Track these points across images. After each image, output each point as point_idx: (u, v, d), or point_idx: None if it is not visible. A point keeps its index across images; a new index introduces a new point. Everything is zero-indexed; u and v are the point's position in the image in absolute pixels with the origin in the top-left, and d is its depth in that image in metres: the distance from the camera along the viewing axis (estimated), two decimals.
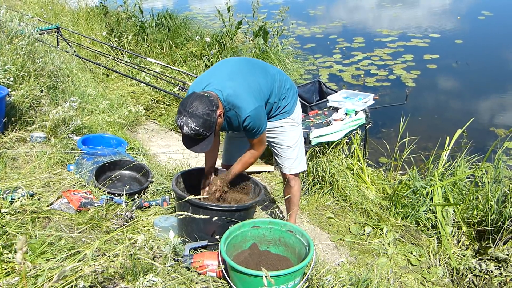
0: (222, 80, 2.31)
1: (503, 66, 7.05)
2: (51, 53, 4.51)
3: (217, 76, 2.36)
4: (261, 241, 2.28)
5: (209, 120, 2.10)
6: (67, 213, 2.34)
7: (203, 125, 2.09)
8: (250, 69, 2.45)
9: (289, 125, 2.67)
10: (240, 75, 2.37)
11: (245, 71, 2.41)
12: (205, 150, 2.19)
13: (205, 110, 2.08)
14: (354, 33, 8.90)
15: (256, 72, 2.44)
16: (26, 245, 1.23)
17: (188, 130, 2.09)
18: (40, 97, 3.66)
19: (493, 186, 3.23)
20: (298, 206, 3.15)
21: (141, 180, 3.07)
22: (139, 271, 1.82)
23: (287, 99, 2.59)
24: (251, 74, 2.40)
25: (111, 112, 5.00)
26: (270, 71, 2.53)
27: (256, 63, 2.57)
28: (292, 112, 2.65)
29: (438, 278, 2.92)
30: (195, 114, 2.06)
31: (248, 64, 2.52)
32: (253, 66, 2.49)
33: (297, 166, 2.82)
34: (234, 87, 2.27)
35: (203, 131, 2.11)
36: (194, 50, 6.80)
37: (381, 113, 5.12)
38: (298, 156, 2.80)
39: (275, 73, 2.55)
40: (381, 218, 3.46)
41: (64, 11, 9.08)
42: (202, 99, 2.10)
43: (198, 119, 2.07)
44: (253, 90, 2.32)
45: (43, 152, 2.96)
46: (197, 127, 2.08)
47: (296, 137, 2.74)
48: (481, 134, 4.96)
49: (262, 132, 2.38)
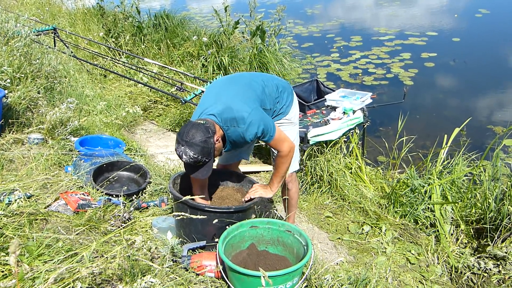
0: (211, 104, 2.34)
1: (500, 64, 7.05)
2: (48, 54, 4.50)
3: (206, 102, 2.39)
4: (260, 241, 2.27)
5: (207, 147, 2.14)
6: (64, 215, 2.33)
7: (201, 153, 2.13)
8: (234, 82, 2.51)
9: (286, 125, 2.68)
10: (224, 91, 2.41)
11: (229, 86, 2.46)
12: (207, 175, 2.23)
13: (202, 138, 2.12)
14: (351, 32, 8.91)
15: (240, 83, 2.48)
16: (19, 248, 1.23)
17: (187, 158, 2.13)
18: (37, 99, 3.66)
19: (491, 184, 3.24)
20: (296, 207, 3.15)
21: (139, 181, 3.06)
22: (137, 272, 1.82)
23: (281, 102, 2.59)
24: (235, 86, 2.45)
25: (108, 113, 4.99)
26: (255, 79, 2.54)
27: (239, 76, 2.64)
28: (288, 113, 2.66)
29: (437, 276, 2.92)
30: (193, 142, 2.11)
31: (231, 79, 2.59)
32: (237, 79, 2.56)
33: (292, 165, 2.79)
34: (223, 104, 2.30)
35: (202, 158, 2.15)
36: (191, 50, 6.79)
37: (379, 111, 5.12)
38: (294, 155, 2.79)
39: (262, 79, 2.55)
40: (380, 217, 3.46)
41: (61, 12, 9.07)
42: (198, 127, 2.14)
43: (195, 147, 2.11)
44: (242, 97, 2.34)
45: (40, 154, 2.95)
46: (195, 155, 2.12)
47: (292, 137, 2.72)
48: (479, 132, 4.96)
49: (273, 130, 2.35)
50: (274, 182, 2.49)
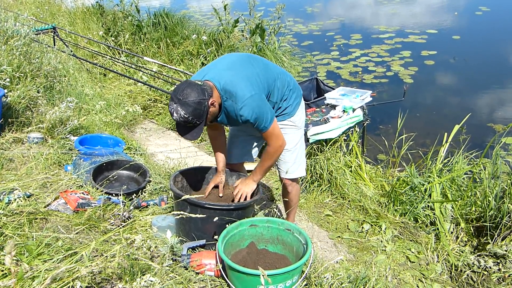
0: (220, 70, 2.30)
1: (500, 62, 7.05)
2: (48, 53, 4.50)
3: (217, 67, 2.35)
4: (259, 240, 2.27)
5: (199, 109, 2.10)
6: (64, 214, 2.33)
7: (193, 113, 2.09)
8: (251, 62, 2.44)
9: (289, 128, 2.61)
10: (239, 66, 2.36)
11: (245, 63, 2.40)
12: (196, 137, 2.19)
13: (196, 98, 2.08)
14: (351, 30, 8.90)
15: (256, 66, 2.41)
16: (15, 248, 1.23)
17: (178, 117, 2.10)
18: (37, 98, 3.66)
19: (491, 182, 3.23)
20: (296, 209, 3.13)
21: (138, 179, 3.06)
22: (137, 271, 1.82)
23: (288, 100, 2.54)
24: (251, 67, 2.38)
25: (108, 112, 4.99)
26: (271, 68, 2.50)
27: (258, 59, 2.55)
28: (293, 115, 2.60)
29: (437, 274, 2.92)
30: (185, 101, 2.07)
31: (250, 58, 2.51)
32: (255, 60, 2.48)
33: (295, 171, 2.76)
34: (231, 76, 2.26)
35: (192, 119, 2.11)
36: (191, 48, 6.78)
37: (379, 110, 5.11)
38: (297, 160, 2.73)
39: (278, 72, 2.51)
40: (380, 215, 3.46)
41: (61, 11, 9.06)
42: (194, 87, 2.11)
43: (187, 107, 2.07)
44: (251, 79, 2.29)
45: (40, 153, 2.95)
46: (186, 114, 2.08)
47: (295, 141, 2.68)
48: (479, 130, 4.96)
49: (269, 122, 2.29)
50: (257, 172, 2.46)
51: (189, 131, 2.17)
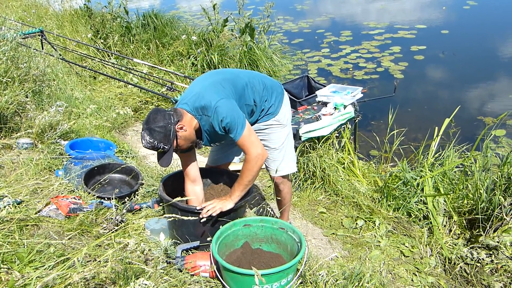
0: (187, 95, 2.34)
1: (489, 55, 7.10)
2: (36, 58, 4.45)
3: (185, 94, 2.40)
4: (253, 240, 2.27)
5: (164, 133, 2.14)
6: (56, 220, 2.31)
7: (157, 138, 2.13)
8: (214, 74, 2.48)
9: (275, 127, 2.61)
10: (201, 82, 2.39)
11: (207, 77, 2.43)
12: (167, 165, 2.20)
13: (161, 123, 2.13)
14: (341, 27, 8.92)
15: (221, 74, 2.45)
16: None
17: (145, 143, 2.16)
18: (25, 103, 3.61)
19: (482, 174, 3.26)
20: (290, 207, 3.12)
21: (131, 182, 3.05)
22: (131, 275, 1.81)
23: (269, 100, 2.53)
24: (214, 76, 2.41)
25: (98, 115, 4.96)
26: (240, 74, 2.51)
27: (224, 70, 2.65)
28: (277, 113, 2.59)
29: (431, 268, 2.94)
30: (151, 128, 2.13)
31: (214, 72, 2.57)
32: (220, 72, 2.56)
33: (284, 168, 2.73)
34: (195, 93, 2.29)
35: (158, 144, 2.15)
36: (181, 49, 6.76)
37: (370, 106, 5.13)
38: (285, 157, 2.71)
39: (250, 76, 2.52)
40: (373, 211, 3.47)
41: (48, 14, 8.96)
42: (160, 113, 2.16)
43: (153, 133, 2.13)
44: (215, 87, 2.29)
45: (30, 159, 2.92)
46: (151, 139, 2.13)
47: (282, 139, 2.66)
48: (469, 123, 4.99)
49: (241, 127, 2.22)
50: (235, 190, 2.28)
51: (161, 156, 2.21)
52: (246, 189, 2.30)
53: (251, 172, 2.26)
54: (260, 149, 2.28)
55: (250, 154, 2.26)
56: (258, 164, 2.27)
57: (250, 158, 2.25)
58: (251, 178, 2.28)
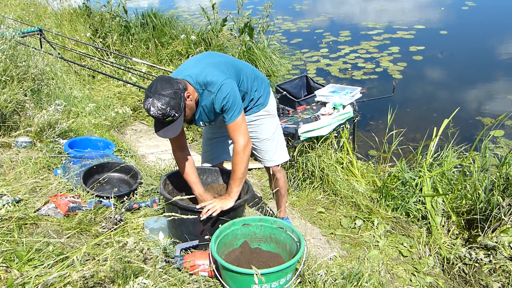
0: (188, 69, 2.31)
1: (488, 56, 7.12)
2: (35, 56, 4.44)
3: (183, 68, 2.37)
4: (252, 239, 2.27)
5: (176, 99, 2.05)
6: (55, 218, 2.31)
7: (170, 104, 2.03)
8: (214, 55, 2.52)
9: (265, 117, 2.67)
10: (204, 59, 2.40)
11: (209, 57, 2.46)
12: (176, 133, 2.12)
13: (172, 89, 2.05)
14: (340, 27, 8.92)
15: (220, 57, 2.50)
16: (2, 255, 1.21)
17: (155, 111, 2.03)
18: (24, 101, 3.61)
19: (481, 175, 3.26)
20: (287, 197, 3.17)
21: (130, 182, 3.04)
22: (130, 274, 1.80)
23: (259, 90, 2.58)
24: (217, 57, 2.46)
25: (97, 114, 4.95)
26: (235, 60, 2.58)
27: (219, 53, 2.64)
28: (267, 104, 2.65)
29: (429, 268, 2.95)
30: (161, 93, 2.03)
31: (212, 53, 2.62)
32: (217, 54, 2.58)
33: (279, 157, 2.81)
34: (201, 69, 2.28)
35: (170, 111, 2.05)
36: (180, 48, 6.75)
37: (369, 106, 5.14)
38: (278, 147, 2.79)
39: (243, 63, 2.59)
40: (372, 211, 3.48)
41: (47, 13, 8.95)
42: (167, 80, 2.09)
43: (164, 98, 2.02)
44: (220, 67, 2.31)
45: (28, 157, 2.92)
46: (163, 105, 2.02)
47: (273, 129, 2.73)
48: (468, 124, 5.01)
49: (238, 111, 2.25)
50: (232, 188, 2.27)
51: (166, 126, 2.11)
52: (242, 183, 2.30)
53: (242, 163, 2.28)
54: (247, 139, 2.31)
55: (238, 143, 2.28)
56: (246, 154, 2.29)
57: (239, 149, 2.28)
58: (244, 169, 2.30)
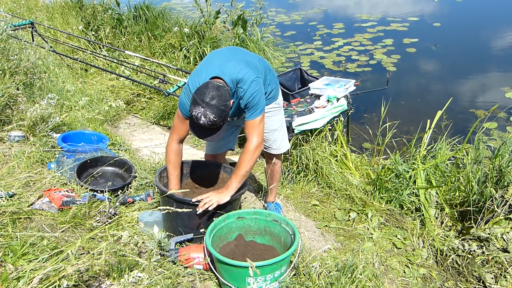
0: (221, 65, 2.32)
1: (481, 48, 7.14)
2: (26, 50, 4.40)
3: (215, 63, 2.35)
4: (247, 232, 2.28)
5: (225, 111, 2.13)
6: (49, 213, 2.30)
7: (221, 116, 2.11)
8: (241, 52, 2.54)
9: (276, 110, 2.76)
10: (236, 56, 2.42)
11: (239, 53, 2.49)
12: (218, 138, 2.20)
13: (223, 102, 2.10)
14: (334, 19, 8.91)
15: (247, 54, 2.53)
16: None
17: (206, 121, 2.08)
18: (17, 95, 3.58)
19: (474, 167, 3.28)
20: (278, 182, 3.32)
21: (124, 175, 3.04)
22: (125, 267, 1.81)
23: (271, 84, 2.63)
24: (245, 55, 2.49)
25: (91, 107, 4.92)
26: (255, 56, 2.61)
27: (243, 49, 2.67)
28: (277, 97, 2.74)
29: (423, 260, 2.97)
30: (214, 105, 2.07)
31: (238, 49, 2.63)
32: (242, 50, 2.61)
33: (284, 146, 2.96)
34: (234, 65, 2.30)
35: (219, 122, 2.12)
36: (173, 41, 6.70)
37: (363, 98, 5.14)
38: (284, 136, 2.93)
39: (258, 58, 2.61)
40: (366, 203, 3.50)
41: (38, 6, 8.85)
42: (219, 89, 2.12)
43: (218, 110, 2.08)
44: (250, 65, 2.35)
45: (21, 152, 2.90)
46: (215, 118, 2.08)
47: (281, 120, 2.85)
48: (461, 116, 5.02)
49: (260, 110, 2.31)
50: (232, 183, 2.26)
51: (212, 133, 2.17)
52: (243, 180, 2.32)
53: (249, 162, 2.30)
54: (261, 140, 2.34)
55: (251, 141, 2.30)
56: (256, 154, 2.31)
57: (250, 147, 2.29)
58: (249, 168, 2.31)
